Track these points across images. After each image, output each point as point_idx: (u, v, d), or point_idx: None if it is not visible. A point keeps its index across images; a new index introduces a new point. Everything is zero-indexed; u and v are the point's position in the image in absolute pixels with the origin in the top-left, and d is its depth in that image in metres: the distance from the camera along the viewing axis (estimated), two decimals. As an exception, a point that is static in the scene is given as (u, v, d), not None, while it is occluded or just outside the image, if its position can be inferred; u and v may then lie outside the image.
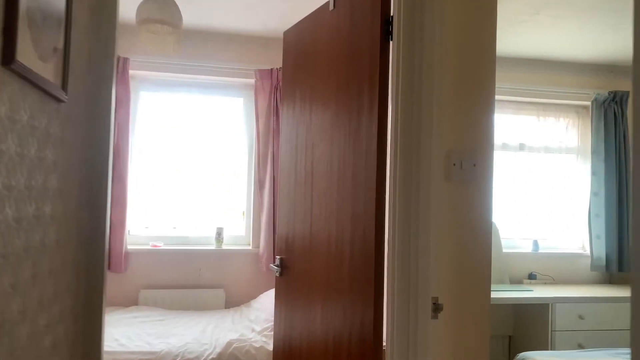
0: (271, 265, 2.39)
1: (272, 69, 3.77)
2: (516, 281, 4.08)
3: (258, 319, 3.14)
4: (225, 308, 3.71)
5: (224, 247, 3.80)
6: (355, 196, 1.77)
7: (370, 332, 1.66)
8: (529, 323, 3.73)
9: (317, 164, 2.06)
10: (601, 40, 3.64)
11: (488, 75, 1.63)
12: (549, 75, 4.19)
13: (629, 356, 2.82)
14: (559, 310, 3.54)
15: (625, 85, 4.30)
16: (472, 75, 1.63)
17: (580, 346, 3.53)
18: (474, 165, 1.63)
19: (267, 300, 3.32)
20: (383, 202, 1.65)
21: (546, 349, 3.54)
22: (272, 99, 3.77)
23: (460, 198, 1.62)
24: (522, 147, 4.30)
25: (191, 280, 3.73)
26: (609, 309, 3.60)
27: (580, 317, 3.56)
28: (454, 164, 1.61)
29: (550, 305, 3.54)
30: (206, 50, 3.81)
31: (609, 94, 4.16)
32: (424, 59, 1.56)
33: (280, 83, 3.74)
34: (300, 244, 2.20)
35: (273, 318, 2.98)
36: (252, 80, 3.84)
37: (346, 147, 1.84)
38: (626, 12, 3.07)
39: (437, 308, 1.57)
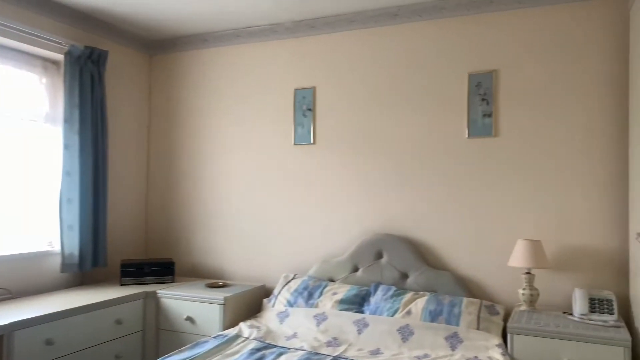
0: None
1: None
2: (-51, 307, 2.65)
3: None
4: None
5: None
6: None
7: None
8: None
9: None
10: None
11: None
12: (10, 6, 2.93)
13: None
14: (20, 339, 2.44)
15: (104, 43, 3.59)
16: None
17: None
18: None
19: None
20: None
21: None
22: None
23: None
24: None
25: None
26: (84, 322, 2.79)
27: (49, 343, 2.58)
28: None
29: (4, 336, 2.38)
30: None
31: (85, 49, 3.31)
32: None
33: None
34: None
35: None
36: None
37: None
38: None
39: None
